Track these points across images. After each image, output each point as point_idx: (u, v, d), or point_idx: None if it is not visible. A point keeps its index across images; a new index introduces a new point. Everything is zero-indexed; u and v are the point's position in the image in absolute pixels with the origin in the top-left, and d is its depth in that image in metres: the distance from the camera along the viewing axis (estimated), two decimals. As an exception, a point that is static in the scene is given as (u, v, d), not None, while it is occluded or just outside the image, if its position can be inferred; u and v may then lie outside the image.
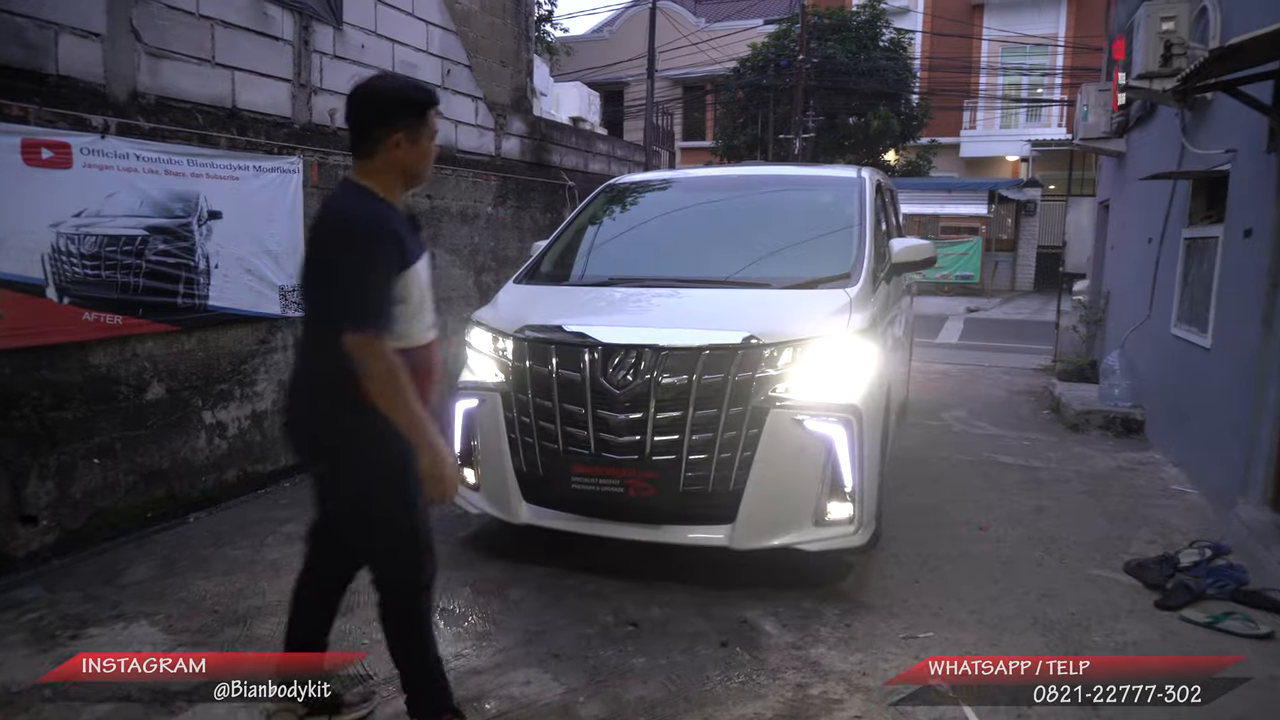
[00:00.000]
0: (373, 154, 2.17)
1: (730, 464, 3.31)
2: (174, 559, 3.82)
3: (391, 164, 2.18)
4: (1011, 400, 7.81)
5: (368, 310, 2.05)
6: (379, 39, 6.14)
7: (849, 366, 3.42)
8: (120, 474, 4.29)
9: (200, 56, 4.76)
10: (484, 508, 3.77)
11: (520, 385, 3.56)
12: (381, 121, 2.15)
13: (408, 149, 2.17)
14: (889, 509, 4.39)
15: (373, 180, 2.19)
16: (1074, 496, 4.87)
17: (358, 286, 2.07)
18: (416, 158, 2.20)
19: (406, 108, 2.18)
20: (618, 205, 4.85)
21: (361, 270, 2.06)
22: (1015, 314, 16.78)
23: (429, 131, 2.22)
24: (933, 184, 21.06)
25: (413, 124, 2.17)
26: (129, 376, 4.34)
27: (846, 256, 3.99)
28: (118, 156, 4.24)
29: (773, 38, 22.44)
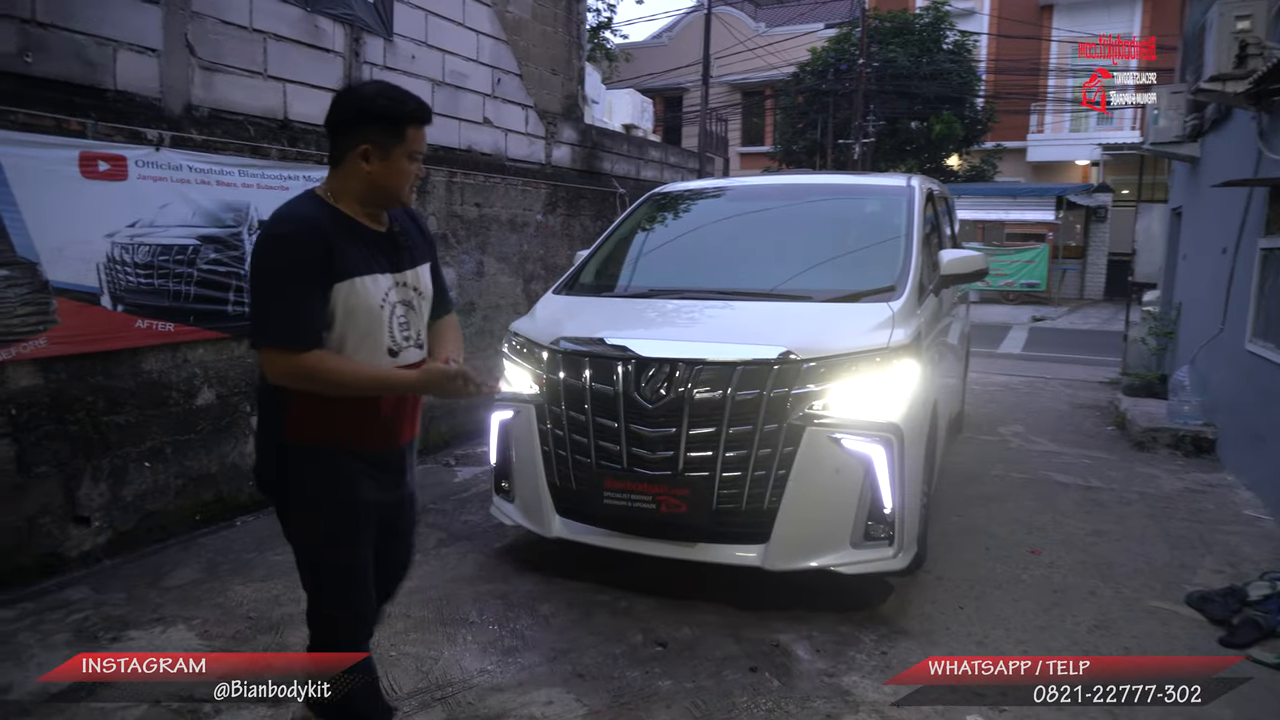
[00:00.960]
0: (339, 161, 2.01)
1: (764, 482, 3.23)
2: (217, 563, 3.89)
3: (355, 175, 1.98)
4: (1074, 415, 7.51)
5: (272, 322, 1.89)
6: (429, 49, 6.21)
7: (890, 383, 3.30)
8: (170, 477, 4.39)
9: (253, 69, 4.87)
10: (518, 520, 3.75)
11: (554, 397, 3.53)
12: (349, 129, 1.98)
13: (376, 164, 1.97)
14: (935, 529, 4.25)
15: (332, 189, 2.02)
16: (1135, 520, 4.64)
17: (263, 296, 1.92)
18: (386, 175, 1.98)
19: (376, 118, 1.96)
20: (661, 215, 4.79)
21: (267, 278, 1.91)
22: (1083, 324, 16.20)
23: (406, 149, 1.99)
24: (997, 189, 20.49)
25: (383, 138, 1.96)
26: (179, 382, 4.45)
27: (892, 269, 3.87)
28: (171, 168, 4.35)
29: (833, 42, 22.16)
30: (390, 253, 2.04)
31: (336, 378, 1.92)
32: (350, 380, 1.94)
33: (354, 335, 1.96)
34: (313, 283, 1.88)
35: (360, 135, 1.96)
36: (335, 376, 1.91)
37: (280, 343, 1.89)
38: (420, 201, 6.09)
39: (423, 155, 2.07)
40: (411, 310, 2.08)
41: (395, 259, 2.05)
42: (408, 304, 2.06)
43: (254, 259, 1.96)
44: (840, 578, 3.28)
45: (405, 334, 2.06)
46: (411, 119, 2.00)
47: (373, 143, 1.96)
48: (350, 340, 1.96)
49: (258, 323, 1.93)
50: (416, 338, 2.10)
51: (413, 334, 2.08)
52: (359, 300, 1.94)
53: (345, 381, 1.93)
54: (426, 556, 4.01)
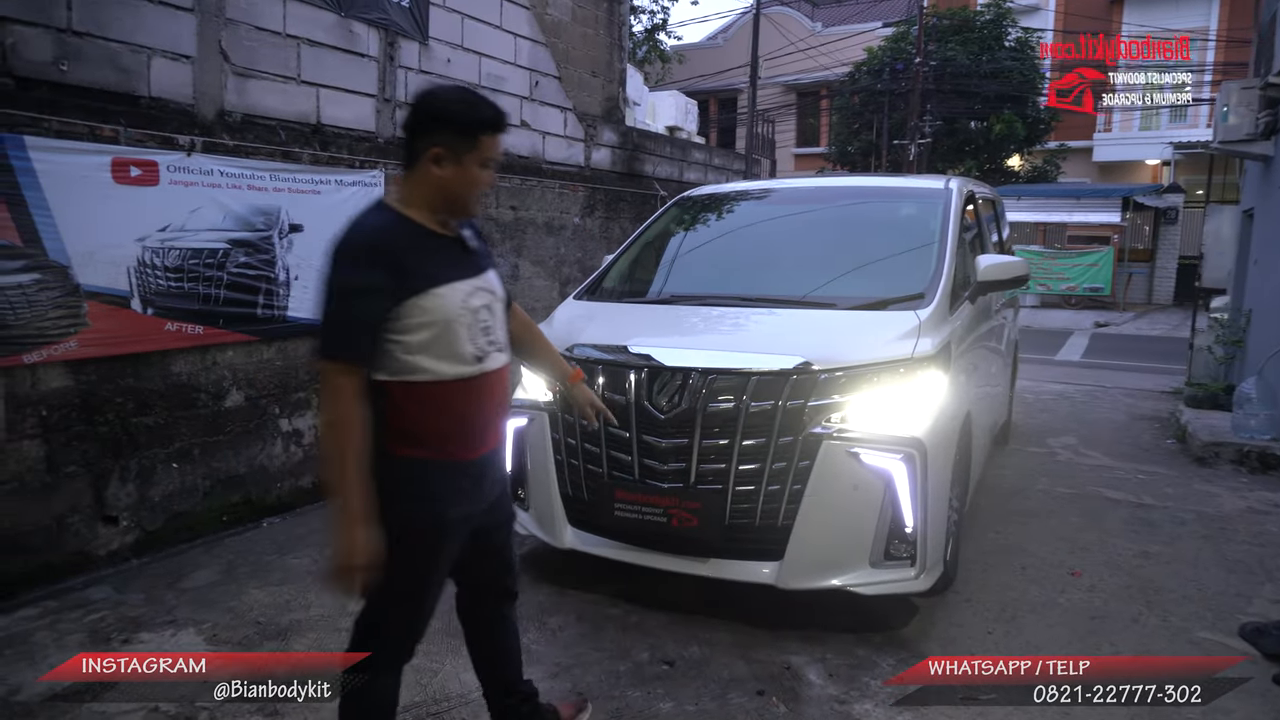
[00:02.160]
0: (412, 165, 1.98)
1: (779, 497, 3.10)
2: (236, 565, 3.92)
3: (427, 181, 1.95)
4: (1131, 427, 7.16)
5: (330, 334, 1.89)
6: (465, 53, 6.22)
7: (913, 396, 3.14)
8: (198, 478, 4.45)
9: (286, 75, 4.91)
10: (531, 529, 3.69)
11: (567, 405, 3.45)
12: (423, 131, 1.95)
13: (448, 169, 1.94)
14: (970, 548, 4.07)
15: (404, 194, 2.00)
16: (1189, 541, 4.36)
17: (326, 306, 1.90)
18: (457, 181, 1.96)
19: (450, 122, 1.94)
20: (688, 219, 4.69)
21: (332, 289, 1.88)
22: (1149, 330, 15.54)
23: (479, 157, 1.96)
24: (1060, 190, 19.81)
25: (455, 142, 1.93)
26: (209, 385, 4.51)
27: (923, 275, 3.70)
28: (202, 173, 4.41)
29: (890, 40, 21.73)
30: (462, 257, 2.03)
31: (338, 419, 1.86)
32: (335, 440, 1.87)
33: (440, 343, 1.93)
34: (374, 297, 1.86)
35: (433, 139, 1.94)
36: (338, 418, 1.86)
37: (335, 357, 1.87)
38: (454, 205, 6.09)
39: (496, 164, 2.03)
40: (492, 314, 2.06)
41: (469, 264, 2.03)
42: (488, 307, 2.05)
43: (324, 270, 1.93)
44: (860, 597, 3.14)
45: (489, 339, 2.04)
46: (486, 126, 1.97)
47: (445, 147, 1.94)
48: (434, 349, 1.93)
49: (321, 332, 1.92)
50: (500, 342, 2.09)
51: (496, 338, 2.07)
52: (442, 309, 1.92)
53: (336, 432, 1.87)
54: (442, 563, 3.97)
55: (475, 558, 2.19)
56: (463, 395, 1.98)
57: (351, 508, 1.84)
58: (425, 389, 1.93)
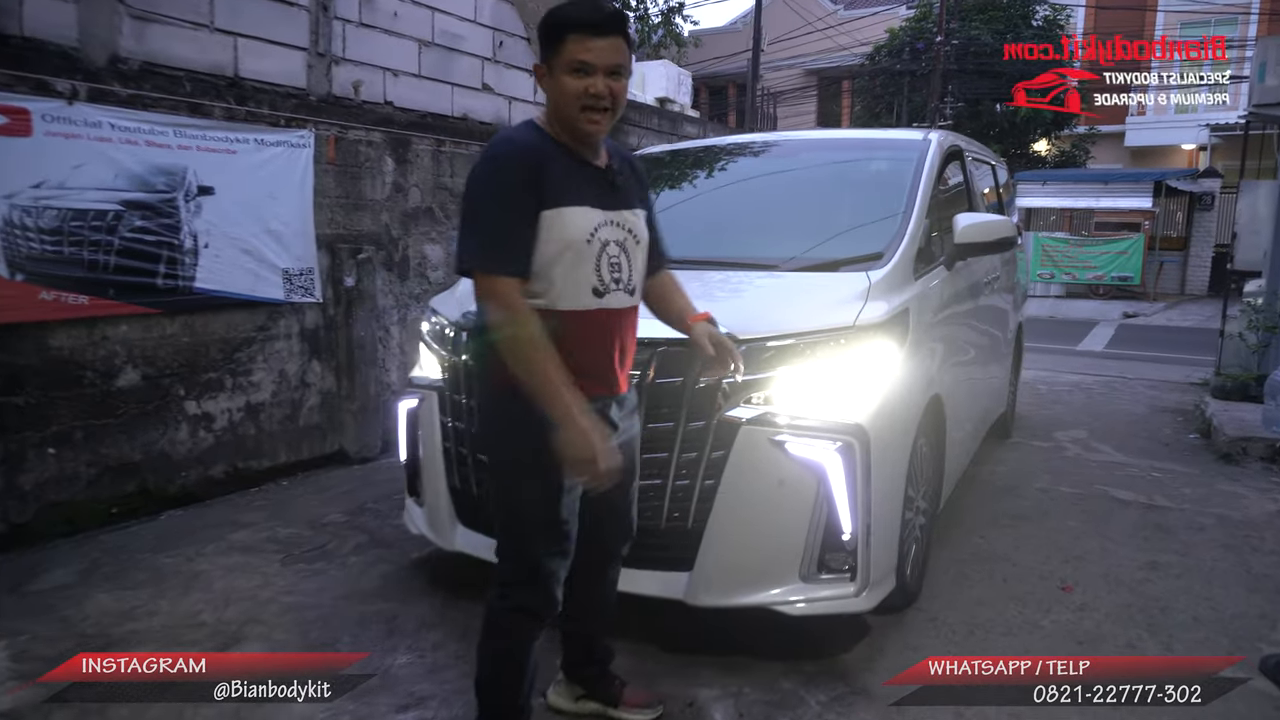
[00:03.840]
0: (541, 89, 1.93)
1: (689, 494, 2.56)
2: (99, 564, 3.46)
3: (548, 100, 1.91)
4: (1151, 420, 6.50)
5: (484, 245, 1.82)
6: (415, 6, 5.69)
7: (857, 372, 2.59)
8: (81, 465, 4.00)
9: (196, 21, 4.43)
10: (421, 528, 3.19)
11: (455, 384, 2.94)
12: (540, 46, 1.89)
13: (548, 83, 1.87)
14: (946, 555, 3.52)
15: (545, 116, 1.94)
16: (1206, 551, 3.75)
17: (474, 217, 1.86)
18: (556, 95, 1.86)
19: (545, 31, 1.86)
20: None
21: (481, 199, 1.83)
22: (1181, 320, 14.70)
23: (564, 61, 1.83)
24: (1087, 175, 18.90)
25: (548, 52, 1.86)
26: (96, 361, 4.05)
27: (885, 233, 3.13)
28: (88, 125, 3.94)
29: (911, 20, 20.92)
30: (604, 188, 1.94)
31: (515, 330, 1.79)
32: (524, 350, 1.80)
33: (559, 267, 1.86)
34: (522, 208, 1.81)
35: (542, 52, 1.88)
36: (515, 328, 1.79)
37: (482, 267, 1.82)
38: (402, 171, 5.61)
39: (601, 69, 1.85)
40: (624, 253, 1.96)
41: (608, 196, 1.94)
42: (621, 244, 1.95)
43: (467, 183, 1.89)
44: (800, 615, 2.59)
45: (615, 275, 1.94)
46: (568, 25, 1.83)
47: (544, 60, 1.88)
48: (556, 272, 1.86)
49: (462, 245, 1.87)
50: (628, 282, 1.97)
51: (624, 277, 1.96)
52: (565, 231, 1.85)
53: (525, 340, 1.80)
54: (332, 563, 3.49)
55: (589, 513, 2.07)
56: (578, 329, 1.89)
57: (565, 405, 1.79)
58: (541, 315, 1.84)
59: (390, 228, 5.58)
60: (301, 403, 5.04)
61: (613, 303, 1.94)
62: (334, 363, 5.21)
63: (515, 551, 2.03)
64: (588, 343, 1.93)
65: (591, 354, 1.95)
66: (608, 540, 2.25)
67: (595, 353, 1.96)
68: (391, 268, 5.59)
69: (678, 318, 2.25)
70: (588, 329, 1.92)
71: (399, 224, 5.63)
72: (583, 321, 1.90)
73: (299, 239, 4.91)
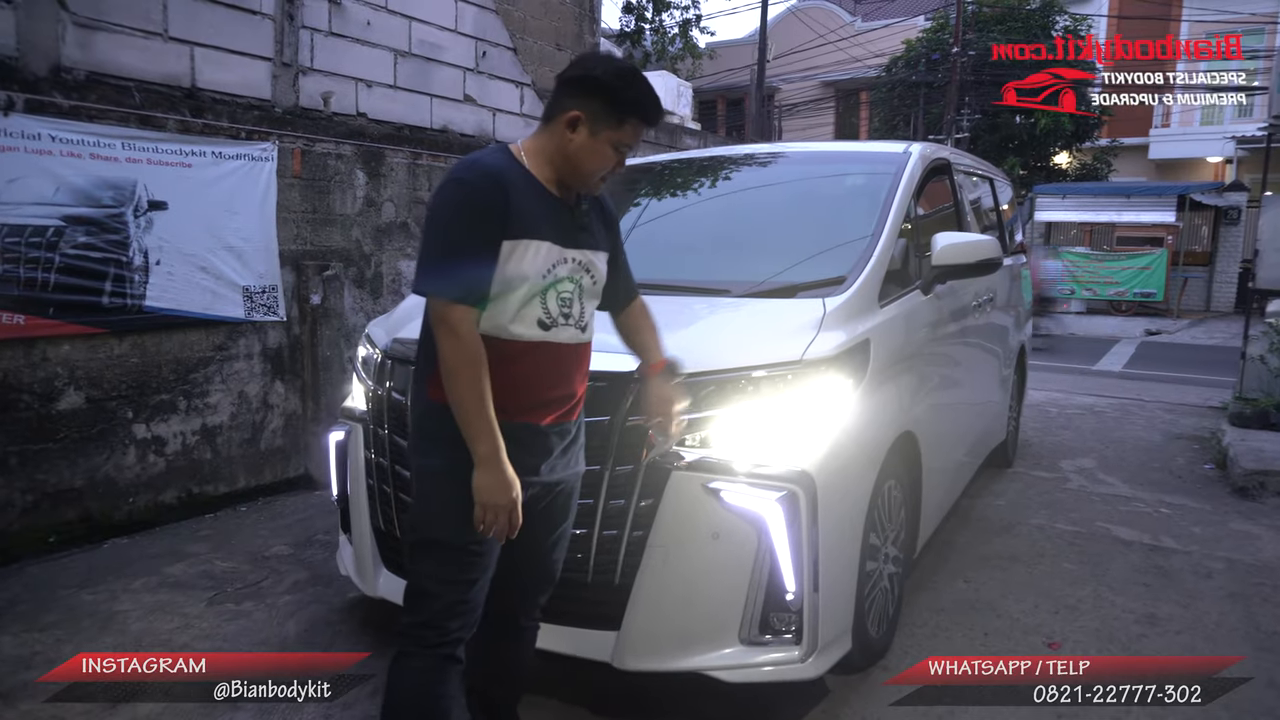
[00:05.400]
0: (548, 120, 1.91)
1: (616, 546, 2.31)
2: (15, 601, 3.26)
3: (555, 140, 1.88)
4: (1165, 448, 6.15)
5: (444, 271, 1.78)
6: (390, 15, 5.52)
7: (802, 412, 2.33)
8: (15, 492, 3.81)
9: (148, 30, 4.27)
10: (348, 569, 2.96)
11: (378, 416, 2.71)
12: (572, 92, 1.86)
13: (581, 135, 1.85)
14: (924, 603, 3.25)
15: (527, 147, 1.91)
16: (1212, 601, 3.44)
17: (436, 240, 1.81)
18: (584, 152, 1.86)
19: (602, 92, 1.83)
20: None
21: (445, 223, 1.80)
22: (1205, 338, 14.22)
23: (617, 138, 1.86)
24: (1109, 188, 18.44)
25: (601, 113, 1.84)
26: (34, 383, 3.86)
27: (850, 256, 2.87)
28: (26, 137, 3.78)
29: (928, 32, 20.62)
30: (567, 226, 1.92)
31: (460, 358, 1.78)
32: (464, 380, 1.78)
33: (511, 297, 1.84)
34: (485, 236, 1.80)
35: (579, 102, 1.85)
36: (460, 356, 1.78)
37: (439, 292, 1.80)
38: (374, 185, 5.41)
39: (629, 151, 1.93)
40: (579, 289, 1.94)
41: (571, 234, 1.92)
42: (574, 282, 1.93)
43: (431, 203, 1.87)
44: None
45: (564, 310, 1.92)
46: (636, 110, 1.87)
47: (588, 114, 1.85)
48: (506, 300, 1.84)
49: (422, 267, 1.84)
50: (578, 319, 1.96)
51: (574, 313, 1.94)
52: (522, 264, 1.83)
53: (463, 367, 1.78)
54: (261, 604, 3.27)
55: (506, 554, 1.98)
56: (519, 354, 1.88)
57: (492, 448, 1.79)
58: (485, 339, 1.82)
59: (362, 243, 5.38)
60: (263, 425, 4.85)
61: (559, 336, 1.92)
62: (299, 383, 5.01)
63: (424, 574, 1.90)
64: (528, 373, 1.90)
65: (530, 384, 1.91)
66: (525, 585, 2.10)
67: (534, 383, 1.91)
68: (363, 284, 5.39)
69: (640, 356, 2.21)
70: (529, 359, 1.89)
71: (371, 239, 5.43)
72: (525, 351, 1.88)
73: (261, 255, 4.73)
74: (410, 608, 1.91)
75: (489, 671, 2.16)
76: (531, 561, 2.07)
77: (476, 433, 1.78)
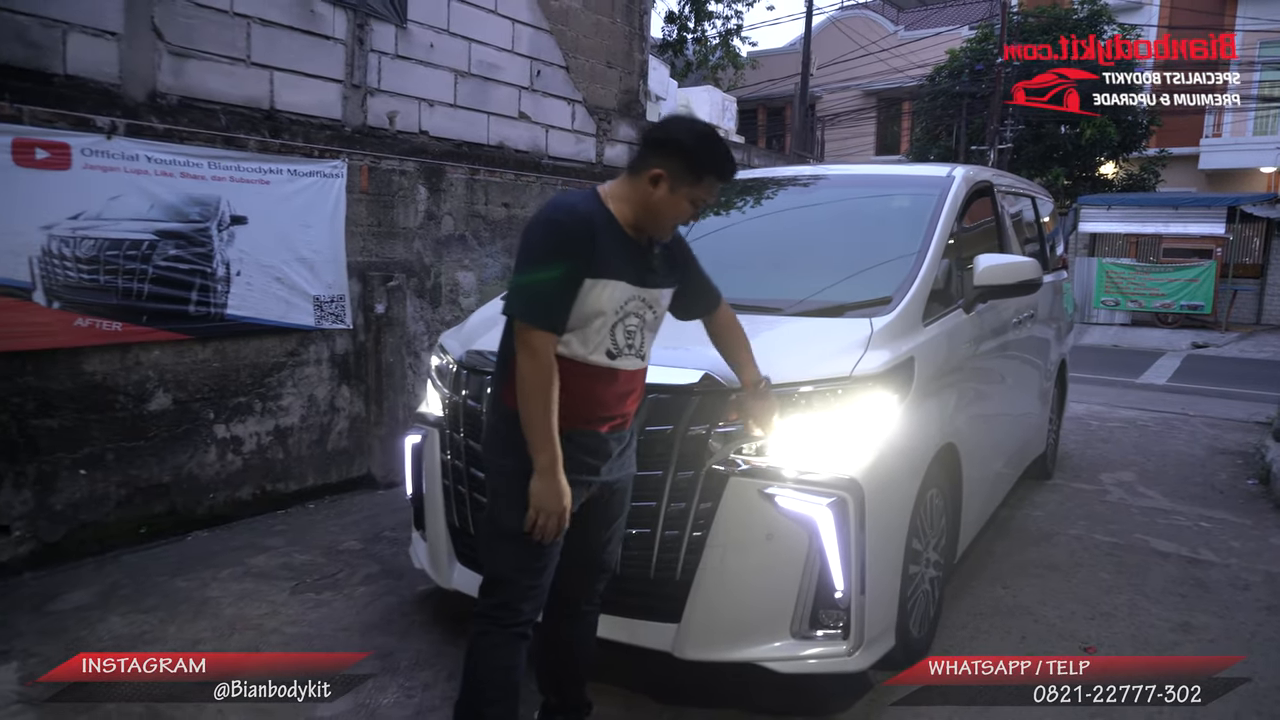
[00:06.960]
0: (634, 173, 2.11)
1: (677, 545, 2.51)
2: (119, 586, 3.55)
3: (639, 191, 2.09)
4: (1208, 462, 6.19)
5: (531, 299, 2.00)
6: (452, 37, 5.80)
7: (852, 424, 2.50)
8: (112, 486, 4.12)
9: (233, 56, 4.58)
10: (423, 564, 3.19)
11: (454, 421, 2.94)
12: (657, 150, 2.08)
13: (662, 191, 2.07)
14: (964, 608, 3.41)
15: (615, 190, 2.13)
16: (1247, 613, 3.53)
17: (527, 271, 2.02)
18: (664, 205, 2.08)
19: (683, 154, 2.06)
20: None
21: (536, 257, 2.01)
22: (1256, 352, 14.02)
23: (694, 194, 2.09)
24: (1156, 199, 18.20)
25: (681, 173, 2.06)
26: (129, 386, 4.17)
27: (896, 276, 3.04)
28: (125, 158, 4.09)
29: (972, 41, 20.55)
30: (642, 266, 2.13)
31: (535, 380, 1.99)
32: (536, 398, 1.99)
33: (586, 328, 2.06)
34: (570, 272, 1.99)
35: (663, 161, 2.06)
36: (536, 378, 1.99)
37: (524, 318, 2.01)
38: (435, 200, 5.69)
39: (704, 205, 2.15)
40: (643, 323, 2.16)
41: (644, 274, 2.13)
42: (640, 317, 2.15)
43: (525, 236, 2.08)
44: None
45: (629, 342, 2.15)
46: (714, 171, 2.10)
47: (669, 172, 2.06)
48: (581, 330, 2.06)
49: (512, 292, 2.07)
50: (639, 349, 2.18)
51: (636, 344, 2.17)
52: (599, 301, 2.04)
53: (537, 387, 1.99)
54: (340, 593, 3.52)
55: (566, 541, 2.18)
56: (589, 376, 2.09)
57: (550, 460, 2.00)
58: (561, 361, 2.04)
59: (422, 255, 5.65)
60: (330, 427, 5.13)
61: (623, 364, 2.14)
62: (363, 388, 5.29)
63: (498, 562, 2.15)
64: (595, 391, 2.13)
65: (597, 401, 2.14)
66: (586, 573, 2.31)
67: (600, 400, 2.15)
68: (423, 294, 5.66)
69: (738, 374, 2.44)
70: (597, 381, 2.12)
71: (431, 251, 5.71)
72: (594, 372, 2.10)
73: (330, 266, 5.01)
74: (487, 591, 2.16)
75: (557, 656, 2.38)
76: (592, 552, 2.28)
77: (539, 444, 2.00)
